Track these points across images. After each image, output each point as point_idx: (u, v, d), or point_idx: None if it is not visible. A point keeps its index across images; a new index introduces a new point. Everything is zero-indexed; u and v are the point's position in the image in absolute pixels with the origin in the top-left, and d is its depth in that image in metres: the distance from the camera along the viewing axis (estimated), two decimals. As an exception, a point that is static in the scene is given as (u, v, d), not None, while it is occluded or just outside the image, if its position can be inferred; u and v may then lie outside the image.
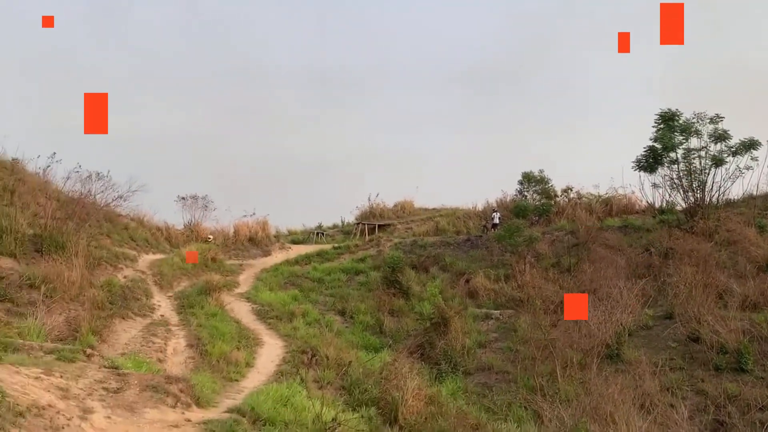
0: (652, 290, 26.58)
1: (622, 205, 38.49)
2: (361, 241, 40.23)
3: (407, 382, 18.54)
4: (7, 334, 15.76)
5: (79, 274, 22.71)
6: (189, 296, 26.70)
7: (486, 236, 36.25)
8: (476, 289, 30.20)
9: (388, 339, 26.08)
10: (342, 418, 12.91)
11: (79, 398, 11.75)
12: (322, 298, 30.78)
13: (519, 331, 25.10)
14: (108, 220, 31.38)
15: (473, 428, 17.31)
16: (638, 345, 23.50)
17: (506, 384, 22.25)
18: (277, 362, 21.17)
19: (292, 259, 36.82)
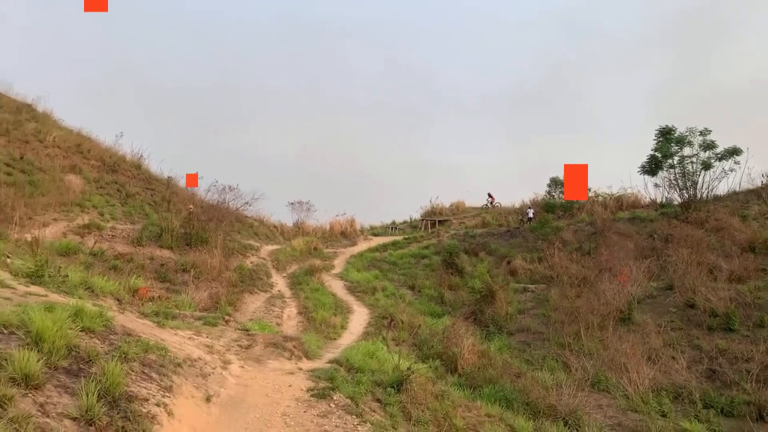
0: (656, 267, 25.73)
1: (630, 201, 37.35)
2: (425, 233, 40.03)
3: (464, 341, 18.43)
4: (167, 306, 16.28)
5: (218, 261, 23.33)
6: (298, 276, 27.11)
7: (523, 228, 35.66)
8: (516, 269, 29.78)
9: (448, 307, 25.94)
10: (415, 367, 12.90)
11: (220, 353, 12.06)
12: (397, 276, 30.80)
13: (550, 301, 24.66)
14: (238, 220, 32.10)
15: (516, 375, 17.07)
16: (645, 310, 22.80)
17: (541, 342, 21.87)
18: (364, 325, 21.30)
19: (373, 248, 36.93)
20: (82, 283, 13.29)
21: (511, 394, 15.38)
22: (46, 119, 32.10)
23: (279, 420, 9.28)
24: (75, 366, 7.56)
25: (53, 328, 7.66)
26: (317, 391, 10.80)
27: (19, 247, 15.46)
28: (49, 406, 6.40)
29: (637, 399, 16.77)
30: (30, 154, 26.92)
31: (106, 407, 6.80)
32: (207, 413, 8.81)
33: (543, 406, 14.61)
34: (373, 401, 11.49)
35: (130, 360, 8.59)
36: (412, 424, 10.94)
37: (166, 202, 29.63)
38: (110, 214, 26.13)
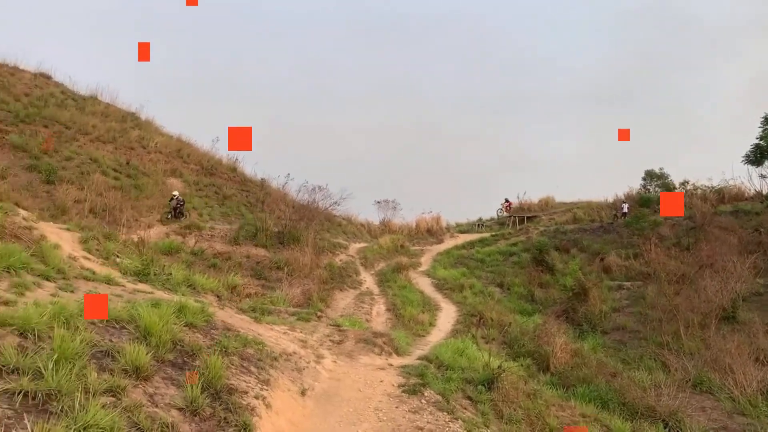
0: (763, 263, 24.02)
1: (732, 193, 35.06)
2: (513, 230, 39.23)
3: (556, 339, 17.92)
4: (263, 302, 16.81)
5: (309, 258, 23.87)
6: (385, 273, 27.28)
7: (616, 223, 34.24)
8: (609, 266, 28.61)
9: (538, 306, 25.29)
10: (506, 365, 12.67)
11: (313, 347, 12.31)
12: (484, 274, 30.35)
13: (647, 299, 23.50)
14: (327, 219, 32.70)
15: (611, 375, 16.40)
16: (751, 308, 21.29)
17: (637, 341, 20.89)
18: (452, 322, 21.15)
19: (460, 245, 36.55)
20: (184, 280, 13.95)
21: (607, 394, 14.79)
22: (148, 126, 34.02)
23: (371, 414, 9.36)
24: (180, 359, 7.92)
25: (160, 323, 8.06)
26: (408, 387, 10.81)
27: (126, 247, 16.40)
28: (158, 396, 6.73)
29: (745, 402, 15.69)
30: (135, 159, 28.59)
31: (208, 399, 7.08)
32: (302, 406, 9.01)
33: (641, 407, 13.96)
34: (463, 398, 11.37)
35: (230, 354, 8.91)
36: (504, 422, 10.74)
37: (260, 203, 30.66)
38: (209, 215, 27.33)
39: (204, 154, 34.08)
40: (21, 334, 6.51)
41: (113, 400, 6.05)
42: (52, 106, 29.91)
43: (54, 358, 6.01)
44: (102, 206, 22.91)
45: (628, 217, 33.91)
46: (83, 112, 30.80)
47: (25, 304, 7.48)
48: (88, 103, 32.78)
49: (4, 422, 5.00)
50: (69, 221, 17.62)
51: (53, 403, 5.50)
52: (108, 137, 29.52)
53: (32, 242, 11.30)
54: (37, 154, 24.67)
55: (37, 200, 20.42)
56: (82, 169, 25.58)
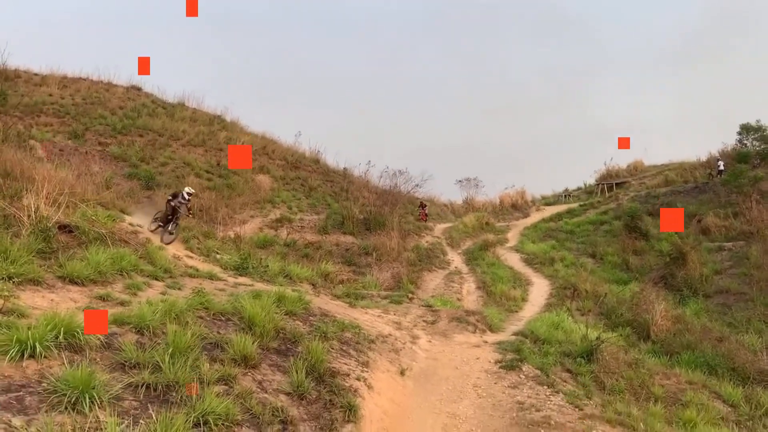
0: None
1: None
2: (602, 198, 37.85)
3: (655, 306, 17.20)
4: (355, 287, 17.12)
5: (395, 242, 24.06)
6: (472, 252, 27.07)
7: (712, 182, 32.23)
8: (708, 227, 27.03)
9: (634, 273, 24.27)
10: (604, 336, 12.29)
11: (408, 329, 12.43)
12: (575, 245, 29.48)
13: (751, 259, 22.06)
14: (410, 202, 32.78)
15: (717, 340, 15.55)
16: None
17: (744, 303, 19.69)
18: (545, 296, 20.75)
19: (547, 218, 35.66)
20: (280, 271, 14.42)
21: (713, 359, 14.05)
22: (234, 127, 35.22)
23: (471, 391, 9.35)
24: (283, 346, 8.21)
25: (262, 313, 8.38)
26: (505, 362, 10.71)
27: (224, 243, 17.13)
28: (266, 383, 7.01)
29: None
30: (224, 160, 29.71)
31: (313, 382, 7.31)
32: (402, 386, 9.13)
33: (752, 372, 13.20)
34: (563, 372, 11.14)
35: (330, 339, 9.14)
36: (607, 393, 10.43)
37: (344, 192, 31.14)
38: (297, 207, 28.04)
39: (287, 148, 34.95)
40: (138, 332, 6.95)
41: (225, 388, 6.36)
42: (144, 116, 31.53)
43: (169, 351, 6.38)
44: (198, 206, 24.00)
45: (725, 175, 31.79)
46: (173, 119, 32.29)
47: (139, 303, 7.96)
48: (177, 109, 34.32)
49: (131, 413, 5.37)
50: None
51: (173, 393, 5.85)
52: (198, 141, 30.81)
53: (139, 245, 11.98)
54: (136, 162, 26.11)
55: (140, 206, 21.64)
56: (177, 173, 26.86)
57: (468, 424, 8.11)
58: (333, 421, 6.71)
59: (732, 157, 33.25)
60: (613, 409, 9.05)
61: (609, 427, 8.29)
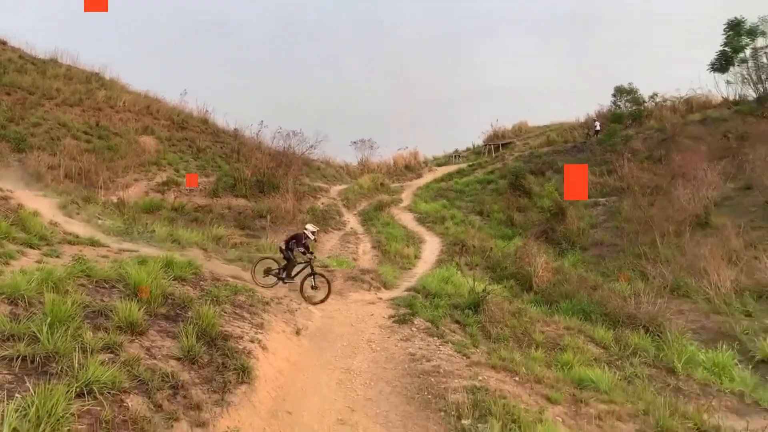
0: (732, 168, 24.42)
1: (700, 102, 35.15)
2: (489, 158, 39.37)
3: (537, 259, 18.32)
4: (249, 250, 16.88)
5: (291, 204, 23.87)
6: (368, 212, 27.41)
7: (589, 142, 34.42)
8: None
9: (518, 229, 25.72)
10: (490, 289, 12.97)
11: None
12: (464, 204, 30.65)
13: (623, 212, 23.96)
14: (305, 164, 32.45)
15: (592, 288, 16.86)
16: (723, 213, 21.83)
17: (616, 254, 21.42)
18: (437, 253, 21.47)
19: (438, 178, 36.68)
20: (168, 236, 13.95)
21: (589, 306, 15.25)
22: (114, 85, 33.00)
23: (365, 346, 9.60)
24: (172, 312, 8.00)
25: (148, 279, 8.10)
26: (398, 317, 11.08)
27: (107, 208, 16.26)
28: (155, 349, 6.83)
29: (720, 301, 16.30)
30: (104, 120, 27.89)
31: (205, 347, 7.20)
32: (298, 345, 9.21)
33: (622, 316, 14.43)
34: (452, 323, 11.68)
35: (222, 302, 9.01)
36: (492, 341, 11.09)
37: (235, 153, 30.27)
38: (185, 169, 26.96)
39: (173, 108, 33.26)
40: (11, 302, 6.52)
41: (111, 356, 6.13)
42: (11, 72, 28.79)
43: (47, 321, 6.03)
44: (77, 170, 22.50)
45: (601, 135, 34.04)
46: (45, 76, 29.74)
47: (12, 272, 7.44)
48: (49, 66, 31.56)
49: (6, 387, 5.07)
50: (45, 188, 17.35)
51: (52, 364, 5.56)
52: (74, 100, 28.65)
53: (10, 212, 11.14)
54: (3, 122, 23.94)
55: (10, 169, 19.97)
56: (52, 135, 24.93)
57: (362, 377, 8.35)
58: (226, 384, 6.67)
59: (607, 118, 35.58)
60: (498, 356, 9.61)
61: (494, 372, 8.81)
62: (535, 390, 8.40)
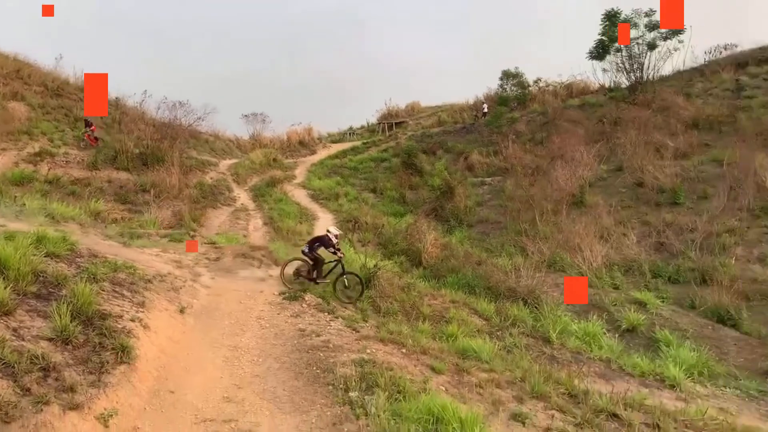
0: (606, 151, 26.24)
1: (579, 88, 37.33)
2: (383, 137, 39.78)
3: (426, 236, 18.85)
4: (131, 226, 16.11)
5: (176, 178, 22.94)
6: (260, 188, 26.90)
7: (477, 123, 35.66)
8: (473, 164, 30.05)
9: (410, 207, 26.28)
10: (381, 264, 13.22)
11: (189, 267, 12.11)
12: (358, 181, 30.87)
13: (506, 191, 25.15)
14: (192, 137, 31.27)
15: (477, 263, 17.62)
16: (597, 193, 23.46)
17: (499, 231, 22.49)
18: (329, 230, 21.49)
19: (333, 155, 36.60)
20: (41, 210, 12.99)
21: (473, 280, 15.93)
22: (-25, 47, 29.96)
23: (254, 323, 9.50)
24: (44, 290, 7.51)
25: (16, 255, 7.53)
26: (289, 294, 11.05)
27: (-31, 180, 14.88)
28: (23, 330, 6.39)
29: (591, 275, 17.57)
30: (-36, 84, 25.36)
31: (80, 326, 6.83)
32: (182, 323, 8.94)
33: (503, 289, 15.21)
34: (343, 299, 11.80)
35: (100, 280, 8.57)
36: (382, 315, 11.33)
37: (117, 124, 28.52)
38: (61, 139, 25.08)
39: (48, 74, 30.72)
40: None
41: (-29, 339, 5.68)
42: None
43: None
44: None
45: (488, 117, 35.31)
46: None
47: None
48: None
49: None
50: None
51: None
52: (-74, 59, 25.81)
53: None
54: None
55: None
56: None
57: (250, 354, 8.27)
58: (103, 364, 6.37)
59: (494, 101, 36.95)
60: (386, 329, 9.84)
61: (382, 345, 9.02)
62: (420, 361, 8.70)
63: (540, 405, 8.22)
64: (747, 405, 12.20)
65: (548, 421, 7.71)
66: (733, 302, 16.01)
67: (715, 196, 20.98)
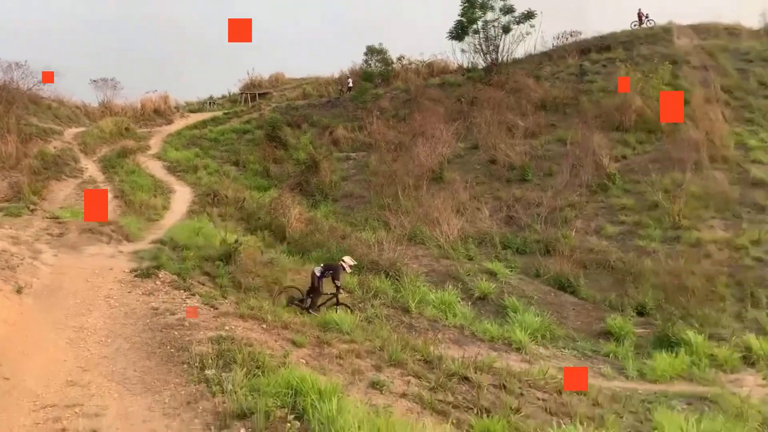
0: (463, 129, 27.36)
1: (440, 67, 38.41)
2: (246, 107, 38.51)
3: (291, 210, 18.71)
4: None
5: (14, 147, 20.92)
6: (110, 159, 25.09)
7: (343, 98, 35.64)
8: (338, 139, 30.06)
9: (274, 180, 25.87)
10: (242, 239, 12.99)
11: (28, 243, 11.18)
12: (219, 153, 29.79)
13: (370, 167, 25.50)
14: (33, 102, 28.45)
15: (341, 237, 17.82)
16: (454, 169, 24.48)
17: (363, 205, 22.84)
18: (187, 204, 20.62)
19: (191, 125, 34.81)
20: None
21: (338, 254, 16.06)
22: None
23: (102, 302, 8.97)
24: None
25: None
26: (141, 271, 10.55)
27: None
28: None
29: (448, 247, 18.49)
30: None
31: None
32: (19, 304, 8.25)
33: (366, 262, 15.55)
34: (201, 275, 11.49)
35: None
36: (243, 291, 11.15)
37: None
38: None
39: None
40: None
41: None
42: None
43: None
44: None
45: (353, 92, 35.42)
46: None
47: None
48: None
49: None
50: None
51: None
52: None
53: None
54: None
55: None
56: None
57: (97, 335, 7.81)
58: None
59: (359, 76, 37.10)
60: (247, 305, 9.72)
61: (241, 321, 8.89)
62: (281, 336, 8.70)
63: (397, 372, 8.57)
64: (582, 364, 13.55)
65: (404, 387, 8.07)
66: (572, 271, 17.64)
67: (559, 173, 22.79)
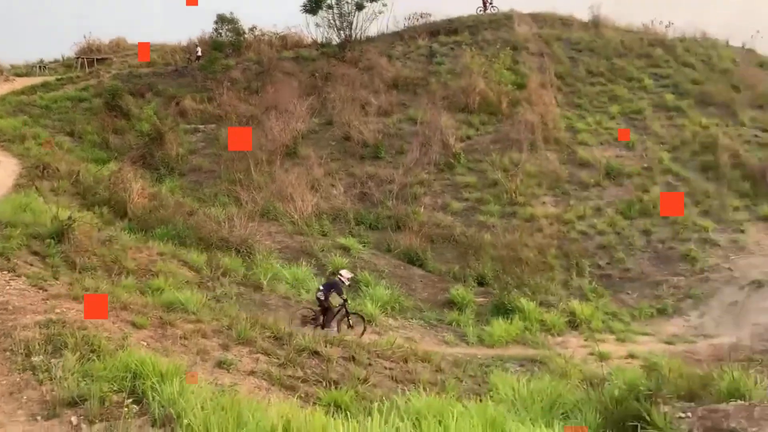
0: (318, 104, 27.22)
1: (294, 41, 37.75)
2: (82, 73, 35.34)
3: (132, 185, 17.68)
4: None
5: None
6: None
7: (191, 67, 33.92)
8: (185, 110, 28.58)
9: (114, 153, 24.11)
10: (77, 216, 12.06)
11: None
12: (51, 122, 27.18)
13: (221, 140, 24.52)
14: None
15: (188, 214, 17.17)
16: (309, 145, 24.40)
17: (213, 180, 22.12)
18: (14, 177, 18.72)
19: (18, 90, 31.34)
20: None
21: (184, 232, 15.53)
22: None
23: None
24: None
25: None
26: (-45, 251, 9.45)
27: None
28: None
29: (302, 223, 18.56)
30: None
31: None
32: None
33: (215, 240, 15.18)
34: (29, 255, 10.58)
35: None
36: (78, 271, 10.41)
37: None
38: None
39: None
40: None
41: None
42: None
43: None
44: None
45: (202, 61, 33.89)
46: None
47: None
48: None
49: None
50: None
51: None
52: None
53: None
54: None
55: None
56: None
57: None
58: None
59: (209, 45, 35.56)
60: (81, 286, 9.11)
61: (75, 303, 8.29)
62: (120, 317, 8.25)
63: (246, 350, 8.51)
64: (428, 332, 14.33)
65: (253, 365, 8.04)
66: (420, 245, 18.49)
67: (410, 151, 23.57)
